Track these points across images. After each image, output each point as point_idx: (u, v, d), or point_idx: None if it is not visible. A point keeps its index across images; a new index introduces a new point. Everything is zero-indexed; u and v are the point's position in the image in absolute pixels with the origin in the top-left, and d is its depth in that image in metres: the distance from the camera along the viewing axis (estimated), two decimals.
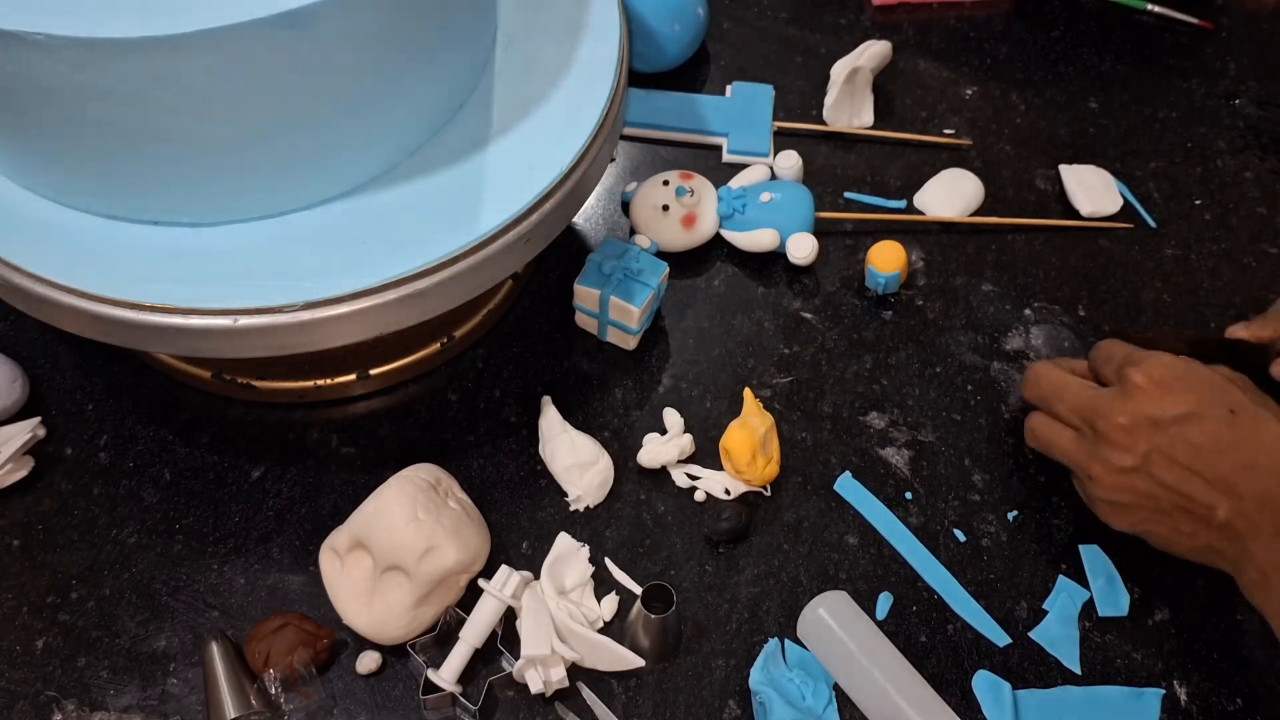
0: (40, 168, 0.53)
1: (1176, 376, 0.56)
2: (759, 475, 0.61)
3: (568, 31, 0.62)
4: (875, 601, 0.60)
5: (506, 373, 0.67)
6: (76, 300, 0.51)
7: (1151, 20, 0.89)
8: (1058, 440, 0.59)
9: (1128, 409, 0.55)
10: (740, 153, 0.78)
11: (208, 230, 0.53)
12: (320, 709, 0.55)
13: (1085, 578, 0.61)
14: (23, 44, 0.44)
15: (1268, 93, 0.84)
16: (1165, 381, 0.55)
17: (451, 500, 0.58)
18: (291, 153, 0.51)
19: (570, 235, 0.73)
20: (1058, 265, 0.74)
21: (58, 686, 0.56)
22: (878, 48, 0.81)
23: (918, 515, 0.63)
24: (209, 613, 0.58)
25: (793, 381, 0.68)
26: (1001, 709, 0.56)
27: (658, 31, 0.78)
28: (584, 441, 0.62)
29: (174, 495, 0.62)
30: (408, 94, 0.54)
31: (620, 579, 0.60)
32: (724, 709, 0.56)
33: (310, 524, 0.61)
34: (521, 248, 0.56)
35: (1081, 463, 0.57)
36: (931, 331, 0.70)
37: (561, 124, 0.58)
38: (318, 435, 0.64)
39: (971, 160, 0.79)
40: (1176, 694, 0.57)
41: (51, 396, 0.65)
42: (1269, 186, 0.79)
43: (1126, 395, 0.56)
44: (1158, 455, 0.54)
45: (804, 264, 0.71)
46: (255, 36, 0.45)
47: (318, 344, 0.53)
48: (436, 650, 0.56)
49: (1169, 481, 0.54)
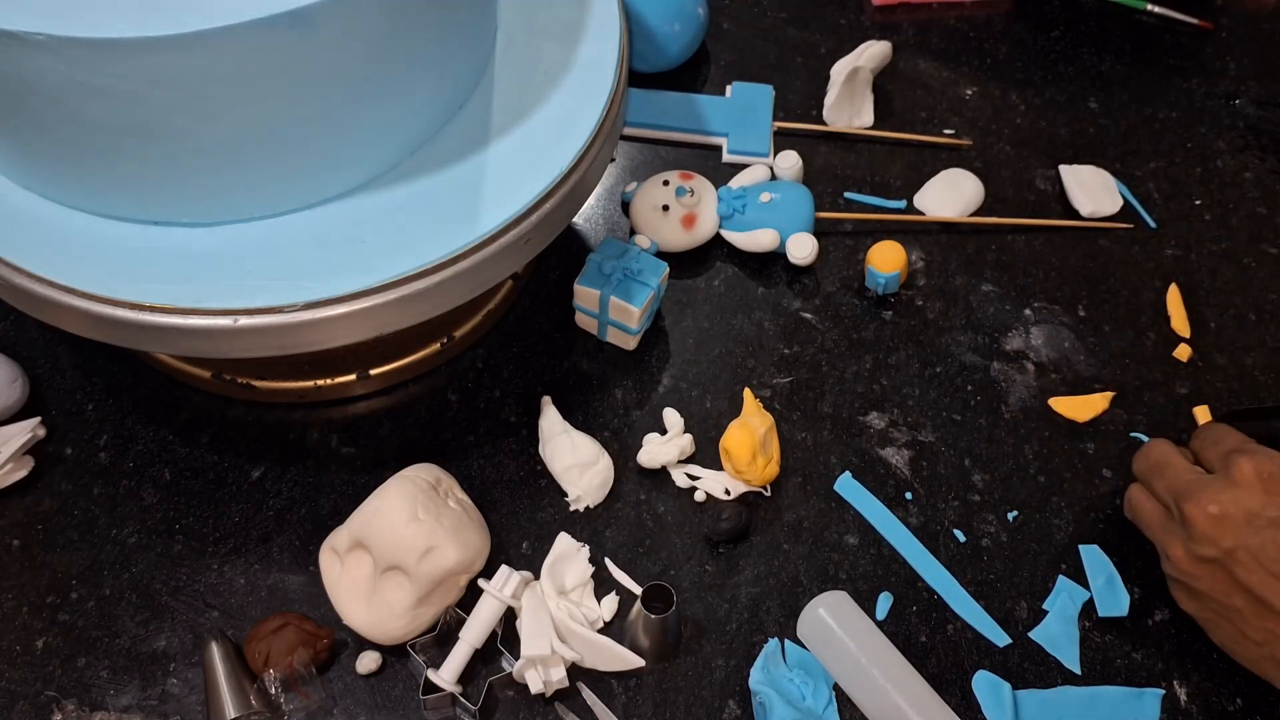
0: (40, 168, 0.53)
1: None
2: (759, 475, 0.61)
3: (568, 31, 0.62)
4: (875, 601, 0.60)
5: (506, 373, 0.67)
6: (76, 300, 0.51)
7: (1151, 20, 0.89)
8: (1145, 514, 0.57)
9: (1223, 499, 0.53)
10: (740, 153, 0.78)
11: (208, 230, 0.53)
12: (320, 709, 0.55)
13: (1085, 578, 0.61)
14: (23, 44, 0.43)
15: (1268, 93, 0.84)
16: (1272, 478, 0.53)
17: (451, 500, 0.58)
18: (291, 153, 0.51)
19: (570, 235, 0.73)
20: (1058, 265, 0.74)
21: (58, 686, 0.56)
22: (878, 48, 0.81)
23: (918, 515, 0.63)
24: (209, 613, 0.58)
25: (793, 381, 0.68)
26: (1001, 709, 0.56)
27: (658, 31, 0.78)
28: (584, 441, 0.62)
29: (174, 495, 0.62)
30: (408, 94, 0.54)
31: (620, 579, 0.60)
32: (724, 709, 0.56)
33: (310, 524, 0.61)
34: (521, 248, 0.56)
35: (1162, 540, 0.56)
36: (931, 331, 0.70)
37: (561, 124, 0.58)
38: (318, 435, 0.64)
39: (971, 160, 0.79)
40: (1176, 694, 0.57)
41: (51, 396, 0.65)
42: (1269, 186, 0.79)
43: (1228, 484, 0.53)
44: (1244, 553, 0.52)
45: (804, 264, 0.71)
46: (255, 36, 0.45)
47: (318, 344, 0.53)
48: (436, 650, 0.56)
49: (1250, 583, 0.52)
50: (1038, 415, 0.67)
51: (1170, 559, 0.55)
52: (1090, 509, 0.63)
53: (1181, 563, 0.54)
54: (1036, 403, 0.67)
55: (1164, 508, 0.57)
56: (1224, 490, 0.53)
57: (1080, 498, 0.63)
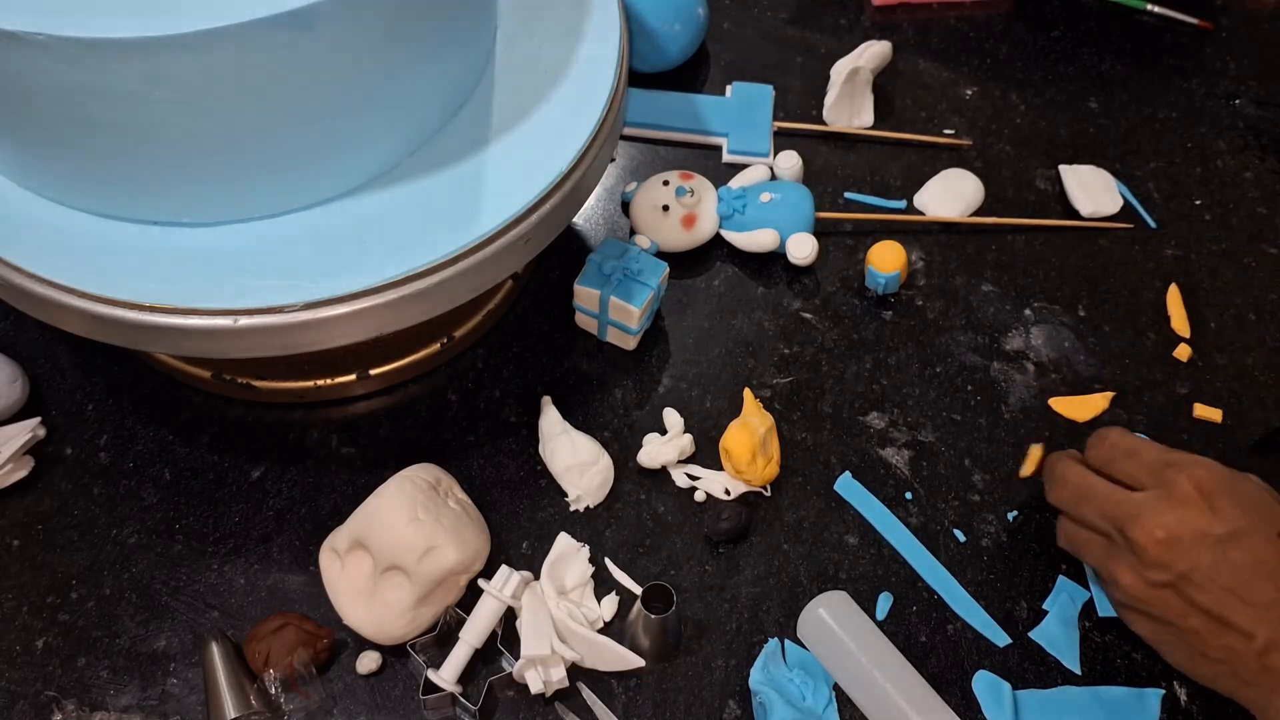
0: (40, 168, 0.53)
1: (1224, 488, 0.52)
2: (759, 475, 0.61)
3: (568, 31, 0.62)
4: (875, 601, 0.60)
5: (506, 373, 0.67)
6: (76, 300, 0.51)
7: (1151, 20, 0.89)
8: (1083, 544, 0.56)
9: (1167, 522, 0.51)
10: (740, 153, 0.78)
11: (208, 230, 0.53)
12: (320, 709, 0.55)
13: (1085, 578, 0.60)
14: (23, 44, 0.43)
15: (1268, 93, 0.84)
16: (1213, 493, 0.51)
17: (451, 500, 0.58)
18: (292, 152, 0.51)
19: (570, 235, 0.73)
20: (1058, 265, 0.74)
21: (58, 686, 0.56)
22: (878, 48, 0.81)
23: (918, 515, 0.63)
24: (209, 613, 0.58)
25: (793, 381, 0.68)
26: (1001, 709, 0.56)
27: (658, 31, 0.78)
28: (584, 441, 0.62)
29: (174, 495, 0.62)
30: (408, 94, 0.54)
31: (620, 579, 0.60)
32: (724, 709, 0.56)
33: (310, 524, 0.61)
34: (521, 248, 0.56)
35: (1110, 568, 0.54)
36: (931, 331, 0.70)
37: (561, 124, 0.58)
38: (318, 435, 0.64)
39: (971, 160, 0.79)
40: (1176, 694, 0.57)
41: (51, 396, 0.65)
42: (1269, 186, 0.79)
43: (1170, 504, 0.52)
44: (1198, 574, 0.50)
45: (804, 264, 0.71)
46: (255, 36, 0.45)
47: (318, 344, 0.53)
48: (436, 650, 0.56)
49: (1204, 604, 0.50)
50: (1038, 415, 0.67)
51: (1120, 586, 0.53)
52: None
53: (1132, 589, 0.53)
54: (1036, 403, 0.67)
55: (1102, 535, 0.55)
56: (1168, 511, 0.52)
57: None
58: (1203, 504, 0.51)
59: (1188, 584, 0.51)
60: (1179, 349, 0.70)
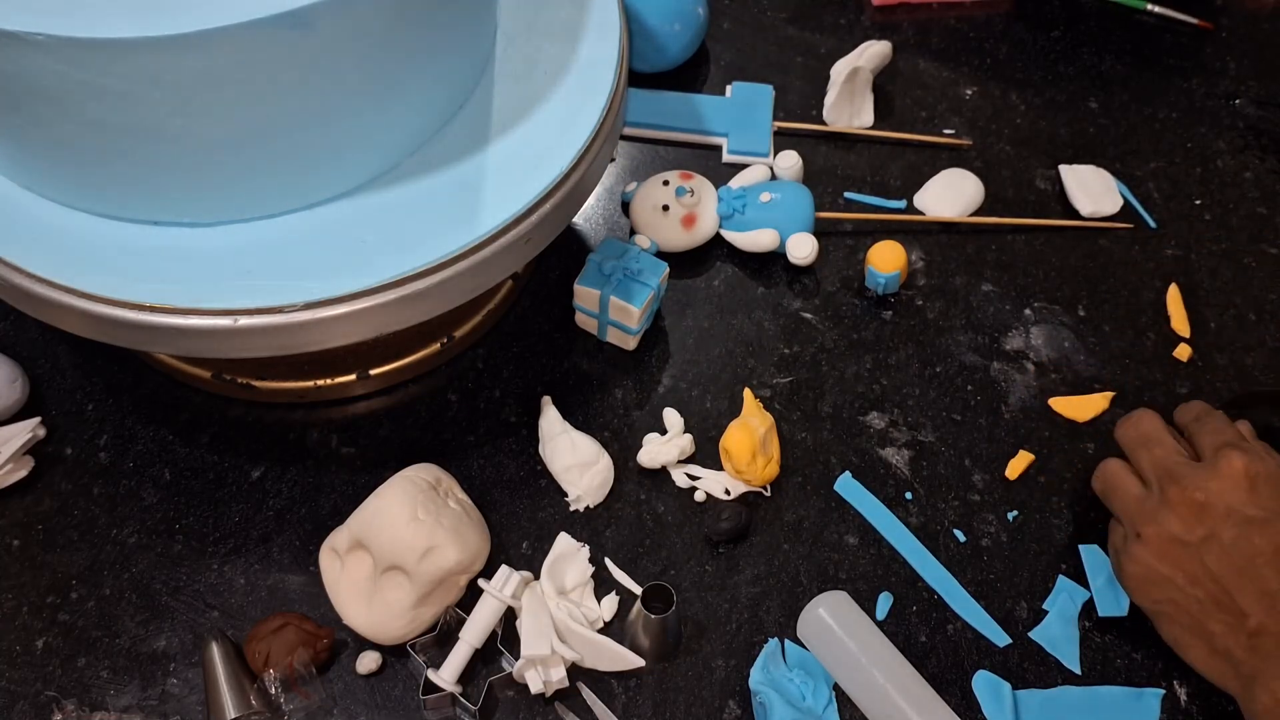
0: (40, 168, 0.53)
1: (1271, 478, 0.54)
2: (759, 475, 0.61)
3: (568, 31, 0.62)
4: (875, 601, 0.60)
5: (506, 373, 0.67)
6: (76, 300, 0.51)
7: (1151, 20, 0.89)
8: (1123, 487, 0.57)
9: (1210, 488, 0.54)
10: (740, 153, 0.78)
11: (208, 230, 0.53)
12: (320, 709, 0.55)
13: (1085, 578, 0.60)
14: (22, 44, 0.43)
15: (1268, 93, 0.84)
16: (1258, 478, 0.53)
17: (451, 500, 0.58)
18: (291, 153, 0.51)
19: (570, 235, 0.73)
20: (1058, 265, 0.74)
21: (58, 686, 0.56)
22: (878, 48, 0.81)
23: (918, 515, 0.63)
24: (209, 613, 0.58)
25: (793, 381, 0.68)
26: (1001, 709, 0.56)
27: (658, 31, 0.78)
28: (584, 441, 0.62)
29: (174, 495, 0.62)
30: (408, 94, 0.54)
31: (620, 579, 0.60)
32: (724, 709, 0.56)
33: (310, 524, 0.61)
34: (521, 248, 0.56)
35: (1136, 518, 0.56)
36: (931, 331, 0.70)
37: (561, 124, 0.58)
38: (318, 435, 0.64)
39: (971, 160, 0.79)
40: (1176, 694, 0.57)
41: (51, 396, 0.65)
42: (1269, 186, 0.79)
43: (1214, 475, 0.54)
44: (1216, 544, 0.53)
45: (804, 264, 0.71)
46: (255, 36, 0.45)
47: (318, 344, 0.53)
48: (436, 650, 0.56)
49: (1216, 571, 0.52)
50: (1038, 415, 0.67)
51: (1142, 538, 0.55)
52: (1090, 509, 0.63)
53: (1154, 541, 0.54)
54: (1036, 403, 0.67)
55: (1142, 483, 0.57)
56: (1211, 480, 0.54)
57: (1080, 498, 0.63)
58: (1246, 485, 0.53)
59: (1206, 549, 0.53)
60: (1179, 349, 0.70)
